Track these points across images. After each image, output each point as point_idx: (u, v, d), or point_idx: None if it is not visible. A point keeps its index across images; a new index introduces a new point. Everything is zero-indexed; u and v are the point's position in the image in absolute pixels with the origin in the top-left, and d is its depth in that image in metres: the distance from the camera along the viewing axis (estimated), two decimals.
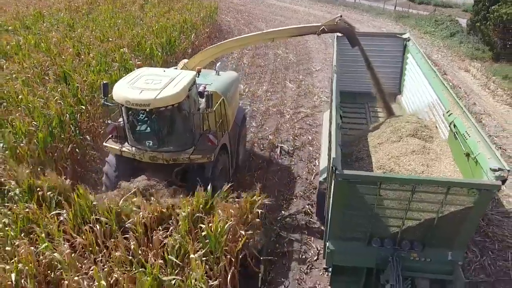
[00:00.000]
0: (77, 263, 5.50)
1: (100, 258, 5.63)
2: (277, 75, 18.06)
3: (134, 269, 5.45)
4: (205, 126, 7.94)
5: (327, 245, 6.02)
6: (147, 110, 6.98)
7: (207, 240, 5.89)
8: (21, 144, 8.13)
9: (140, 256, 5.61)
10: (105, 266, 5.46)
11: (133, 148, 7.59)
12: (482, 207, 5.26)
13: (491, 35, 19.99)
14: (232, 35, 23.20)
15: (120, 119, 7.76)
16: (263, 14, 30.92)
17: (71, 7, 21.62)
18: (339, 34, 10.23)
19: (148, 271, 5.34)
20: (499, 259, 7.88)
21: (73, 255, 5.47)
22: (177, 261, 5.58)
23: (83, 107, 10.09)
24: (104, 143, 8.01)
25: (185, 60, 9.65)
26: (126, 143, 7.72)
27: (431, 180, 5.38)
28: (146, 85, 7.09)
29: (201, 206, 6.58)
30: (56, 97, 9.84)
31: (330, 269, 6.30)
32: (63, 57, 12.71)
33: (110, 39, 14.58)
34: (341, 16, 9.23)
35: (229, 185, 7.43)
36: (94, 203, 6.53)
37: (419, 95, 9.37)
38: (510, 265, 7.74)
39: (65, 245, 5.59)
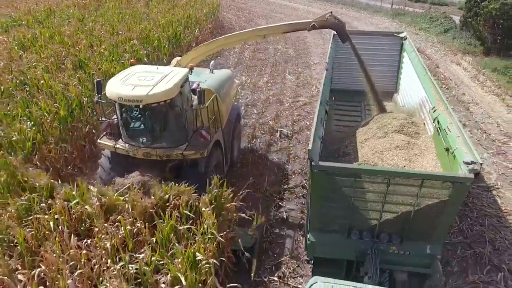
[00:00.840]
0: (105, 215, 6.41)
1: (124, 213, 6.52)
2: (277, 67, 18.97)
3: (154, 221, 6.35)
4: (198, 122, 8.03)
5: (308, 237, 6.09)
6: (140, 106, 7.03)
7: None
8: (47, 120, 9.03)
9: (159, 209, 6.49)
10: (130, 217, 6.36)
11: (127, 145, 7.65)
12: (457, 200, 5.26)
13: (482, 30, 20.89)
14: (234, 31, 24.08)
15: (114, 117, 7.86)
16: (263, 11, 31.82)
17: (79, 4, 22.53)
18: (335, 32, 10.24)
19: (167, 221, 6.25)
20: (476, 224, 8.78)
21: (101, 207, 6.38)
22: (191, 214, 6.47)
23: None
24: (98, 140, 8.11)
25: (178, 58, 9.75)
26: (120, 140, 7.78)
27: (405, 173, 5.47)
28: (138, 82, 7.15)
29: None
30: (75, 82, 10.75)
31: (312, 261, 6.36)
32: (77, 48, 13.62)
33: (120, 33, 15.50)
34: (331, 12, 9.36)
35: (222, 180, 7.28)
36: None
37: (412, 93, 9.49)
38: (486, 229, 8.63)
39: (94, 200, 6.49)
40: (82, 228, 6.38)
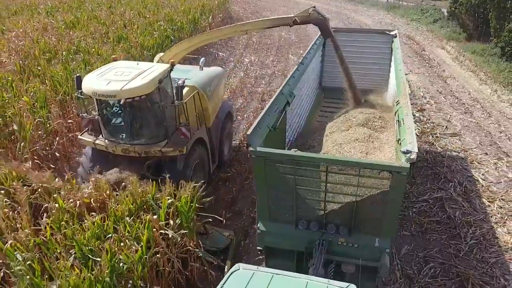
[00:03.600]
0: None
1: None
2: (281, 50, 21.49)
3: None
4: (182, 119, 7.85)
5: (258, 225, 6.00)
6: (114, 101, 7.06)
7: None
8: None
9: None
10: None
11: (106, 141, 7.58)
12: (398, 190, 5.16)
13: (464, 19, 23.35)
14: (241, 21, 26.58)
15: (95, 112, 7.75)
16: (267, 5, 34.34)
17: None
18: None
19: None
20: (438, 157, 11.23)
21: None
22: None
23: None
24: (79, 136, 8.14)
25: (161, 54, 9.61)
26: (100, 136, 7.72)
27: (341, 160, 5.43)
28: (114, 77, 7.02)
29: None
30: (119, 51, 13.29)
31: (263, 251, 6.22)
32: (113, 28, 16.18)
33: (147, 16, 18.05)
34: (314, 7, 9.23)
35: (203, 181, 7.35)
36: None
37: (393, 88, 9.32)
38: (445, 159, 11.08)
39: None
40: None
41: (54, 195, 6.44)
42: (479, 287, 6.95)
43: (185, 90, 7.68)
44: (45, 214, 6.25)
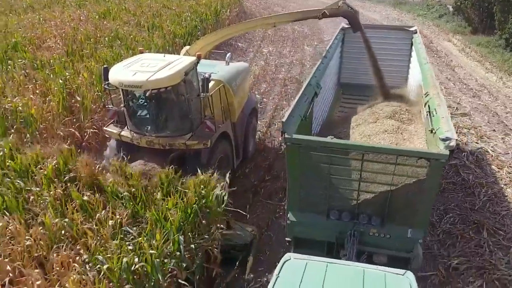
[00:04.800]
0: None
1: None
2: (296, 42, 22.61)
3: None
4: (207, 112, 7.86)
5: (287, 216, 5.93)
6: (140, 93, 7.10)
7: None
8: None
9: None
10: None
11: (131, 133, 7.58)
12: (435, 179, 5.13)
13: (470, 13, 24.47)
14: (254, 16, 27.71)
15: (122, 104, 7.74)
16: (278, 1, 35.47)
17: None
18: (346, 26, 10.57)
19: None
20: None
21: None
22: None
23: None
24: (104, 128, 8.17)
25: (187, 47, 9.56)
26: (126, 128, 7.72)
27: (379, 148, 5.35)
28: (141, 68, 7.03)
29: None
30: (156, 38, 14.41)
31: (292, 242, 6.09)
32: (144, 18, 17.30)
33: (173, 8, 19.20)
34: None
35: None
36: None
37: (415, 82, 9.32)
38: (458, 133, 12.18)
39: None
40: None
41: None
42: (493, 232, 8.06)
43: (211, 84, 7.63)
44: None
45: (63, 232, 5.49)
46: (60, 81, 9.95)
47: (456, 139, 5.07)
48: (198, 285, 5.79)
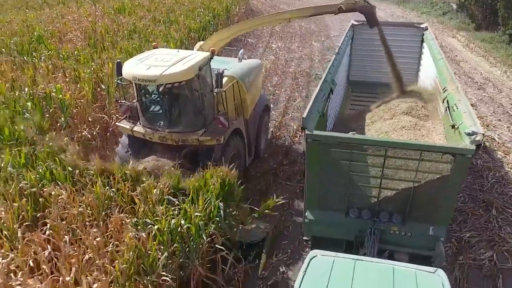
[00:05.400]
0: None
1: None
2: (304, 38, 23.14)
3: None
4: (220, 108, 7.83)
5: (306, 214, 5.85)
6: (153, 88, 7.09)
7: None
8: None
9: None
10: None
11: (144, 128, 7.53)
12: (459, 175, 5.01)
13: (474, 10, 24.98)
14: (260, 14, 28.27)
15: (135, 100, 7.69)
16: None
17: None
18: (355, 22, 10.60)
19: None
20: None
21: None
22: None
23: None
24: (117, 123, 8.16)
25: (201, 43, 9.54)
26: (138, 123, 7.67)
27: (403, 143, 5.26)
28: (155, 63, 7.00)
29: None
30: (173, 32, 14.93)
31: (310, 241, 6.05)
32: (158, 13, 17.82)
33: (185, 4, 19.73)
34: None
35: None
36: None
37: (429, 80, 9.31)
38: None
39: None
40: None
41: None
42: (501, 210, 8.56)
43: (224, 80, 7.57)
44: None
45: (110, 201, 6.00)
46: (88, 70, 10.45)
47: (483, 134, 4.92)
48: (233, 251, 6.22)
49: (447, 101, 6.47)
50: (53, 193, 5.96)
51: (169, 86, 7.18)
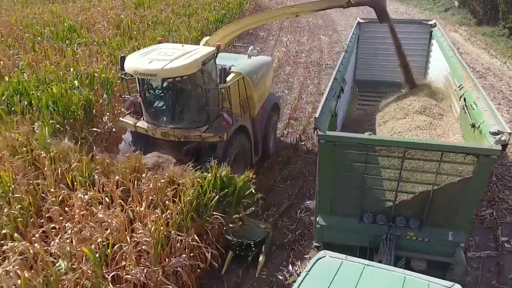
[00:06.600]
0: None
1: None
2: (312, 32, 24.15)
3: None
4: (224, 105, 7.68)
5: (317, 220, 5.60)
6: (157, 82, 7.03)
7: None
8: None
9: None
10: None
11: (147, 124, 7.47)
12: (482, 177, 4.74)
13: (475, 5, 25.97)
14: (268, 9, 29.32)
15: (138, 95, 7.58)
16: None
17: None
18: (361, 20, 10.48)
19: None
20: None
21: None
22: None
23: None
24: (120, 118, 8.13)
25: (207, 37, 9.39)
26: (142, 119, 7.61)
27: (423, 143, 5.00)
28: (157, 57, 6.92)
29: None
30: (194, 23, 15.94)
31: (321, 247, 5.70)
32: (175, 7, 18.84)
33: None
34: None
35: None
36: None
37: (440, 77, 9.06)
38: None
39: None
40: None
41: None
42: (501, 177, 9.57)
43: (230, 75, 7.48)
44: None
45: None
46: (123, 54, 11.46)
47: (510, 133, 4.57)
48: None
49: (464, 99, 6.25)
50: None
51: (172, 80, 7.12)
